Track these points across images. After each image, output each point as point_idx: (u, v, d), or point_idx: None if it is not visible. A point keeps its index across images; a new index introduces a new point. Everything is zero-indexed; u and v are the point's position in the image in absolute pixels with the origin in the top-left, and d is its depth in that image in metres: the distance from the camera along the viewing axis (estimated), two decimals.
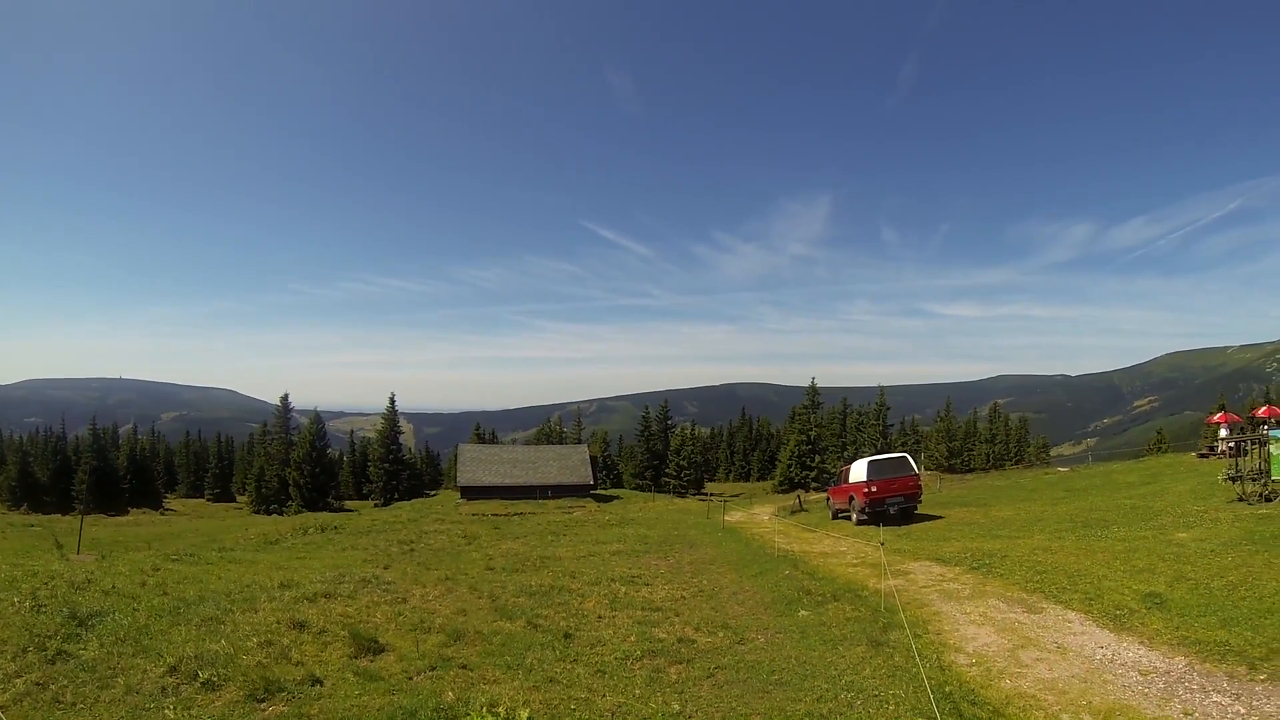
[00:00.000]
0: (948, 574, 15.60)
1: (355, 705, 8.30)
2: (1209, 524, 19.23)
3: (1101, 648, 9.80)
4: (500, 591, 15.65)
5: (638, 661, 10.41)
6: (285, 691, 8.56)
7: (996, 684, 8.81)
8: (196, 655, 9.49)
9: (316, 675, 9.17)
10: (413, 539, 29.38)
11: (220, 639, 10.41)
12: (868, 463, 30.09)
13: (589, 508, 56.99)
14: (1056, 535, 20.51)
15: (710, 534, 29.99)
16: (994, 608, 12.39)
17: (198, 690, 8.55)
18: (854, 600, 13.57)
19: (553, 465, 71.12)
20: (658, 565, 20.55)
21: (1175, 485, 30.46)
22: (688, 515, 44.97)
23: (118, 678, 8.92)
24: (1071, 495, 34.55)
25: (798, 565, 18.52)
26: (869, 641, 10.58)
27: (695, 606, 14.43)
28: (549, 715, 8.27)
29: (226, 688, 8.60)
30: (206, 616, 11.83)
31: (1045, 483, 45.37)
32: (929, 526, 27.11)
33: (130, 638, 10.42)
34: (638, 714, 8.44)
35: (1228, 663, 8.73)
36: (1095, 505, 27.83)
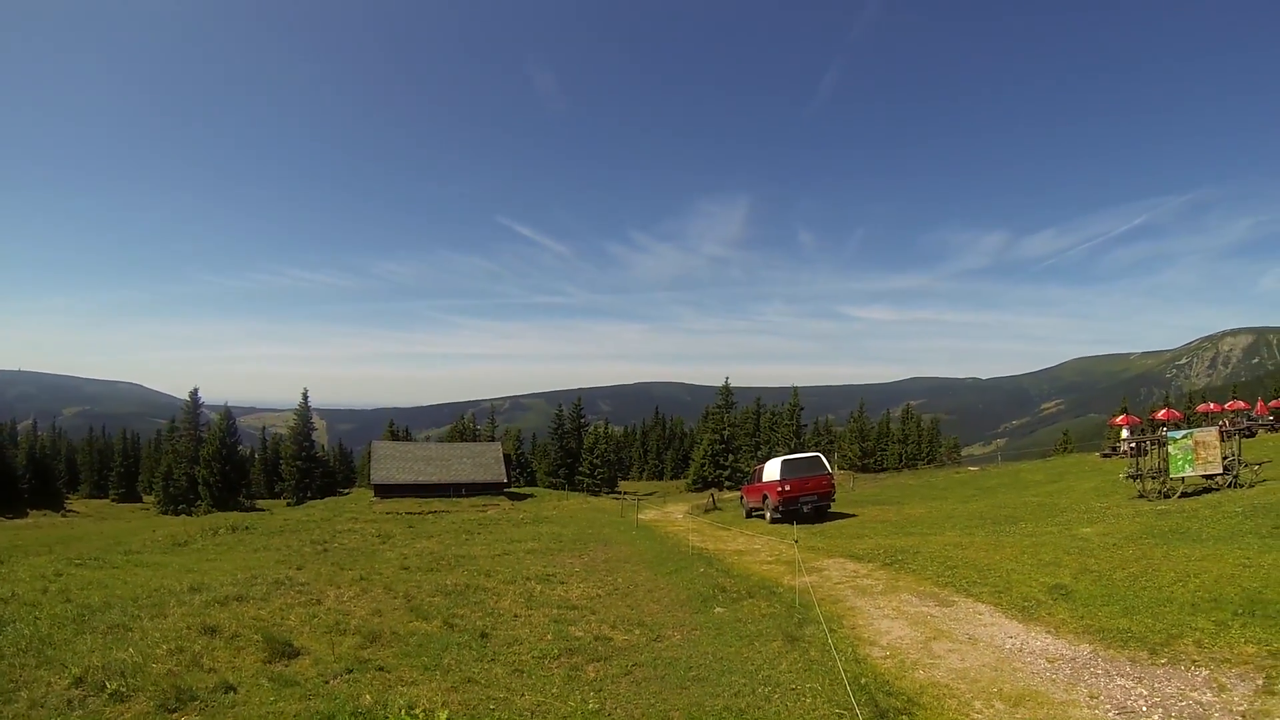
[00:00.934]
0: (861, 570, 16.13)
1: (270, 712, 8.14)
2: (1111, 519, 20.46)
3: (1011, 637, 10.32)
4: (416, 591, 15.57)
5: (555, 660, 10.48)
6: (198, 700, 8.32)
7: (910, 675, 9.17)
8: (103, 665, 9.16)
9: (230, 682, 8.95)
10: (326, 538, 29.18)
11: (128, 647, 10.08)
12: (781, 462, 30.96)
13: (503, 506, 57.28)
14: (967, 532, 21.43)
15: (624, 532, 30.31)
16: (907, 602, 12.89)
17: (106, 702, 8.23)
18: (769, 597, 13.89)
19: (466, 463, 70.72)
20: (572, 563, 20.73)
21: (1080, 483, 32.21)
22: (601, 513, 45.37)
23: (20, 691, 8.52)
24: (981, 493, 36.20)
25: (712, 563, 18.84)
26: (785, 637, 10.84)
27: (611, 604, 14.59)
28: (468, 716, 8.25)
29: (136, 698, 8.31)
30: (113, 624, 11.46)
31: (956, 481, 47.29)
32: (843, 524, 27.90)
33: (32, 648, 10.03)
34: (556, 712, 8.50)
35: (1130, 648, 9.30)
36: (1004, 503, 29.28)
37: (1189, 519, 18.52)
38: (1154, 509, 21.16)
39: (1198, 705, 7.56)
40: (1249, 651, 8.68)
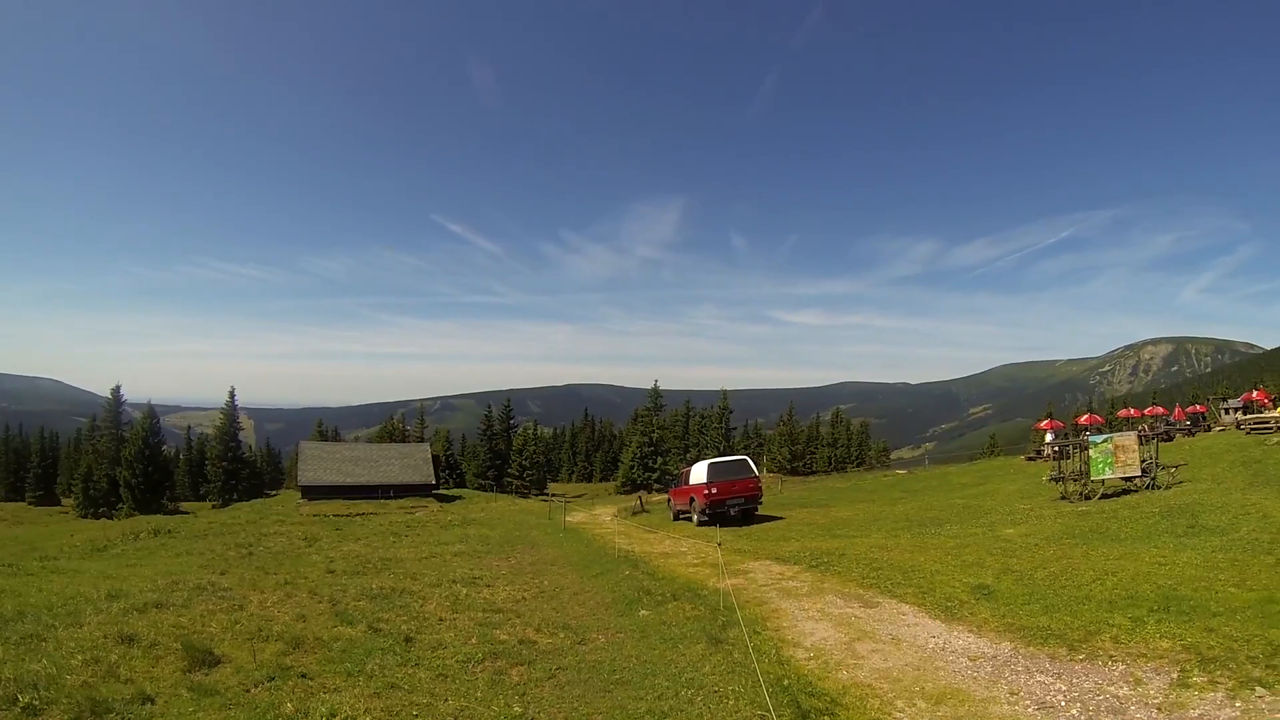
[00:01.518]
0: (787, 572, 16.35)
1: None
2: (1034, 521, 21.17)
3: (934, 637, 10.58)
4: (341, 595, 15.32)
5: (480, 664, 10.35)
6: (113, 713, 7.97)
7: (834, 675, 9.31)
8: (16, 677, 8.67)
9: (147, 693, 8.61)
10: (251, 542, 28.47)
11: (42, 658, 9.61)
12: (708, 465, 31.27)
13: (431, 508, 57.08)
14: (892, 534, 21.89)
15: (552, 534, 30.31)
16: (831, 603, 13.11)
17: (18, 716, 7.83)
18: (694, 599, 13.95)
19: (395, 464, 70.31)
20: (499, 566, 20.67)
21: (1005, 486, 33.26)
22: (530, 516, 45.36)
23: None
24: (908, 496, 37.05)
25: (638, 566, 18.90)
26: (709, 639, 10.89)
27: (537, 608, 14.53)
28: None
29: (50, 711, 7.91)
30: (26, 634, 10.91)
31: (884, 484, 48.36)
32: (770, 527, 28.26)
33: None
34: (480, 717, 8.39)
35: (1050, 646, 9.64)
36: (930, 505, 30.04)
37: (1108, 519, 19.31)
38: (1075, 510, 21.97)
39: (1115, 699, 7.86)
40: (1164, 646, 9.07)
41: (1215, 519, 17.26)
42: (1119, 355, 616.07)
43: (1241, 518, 16.90)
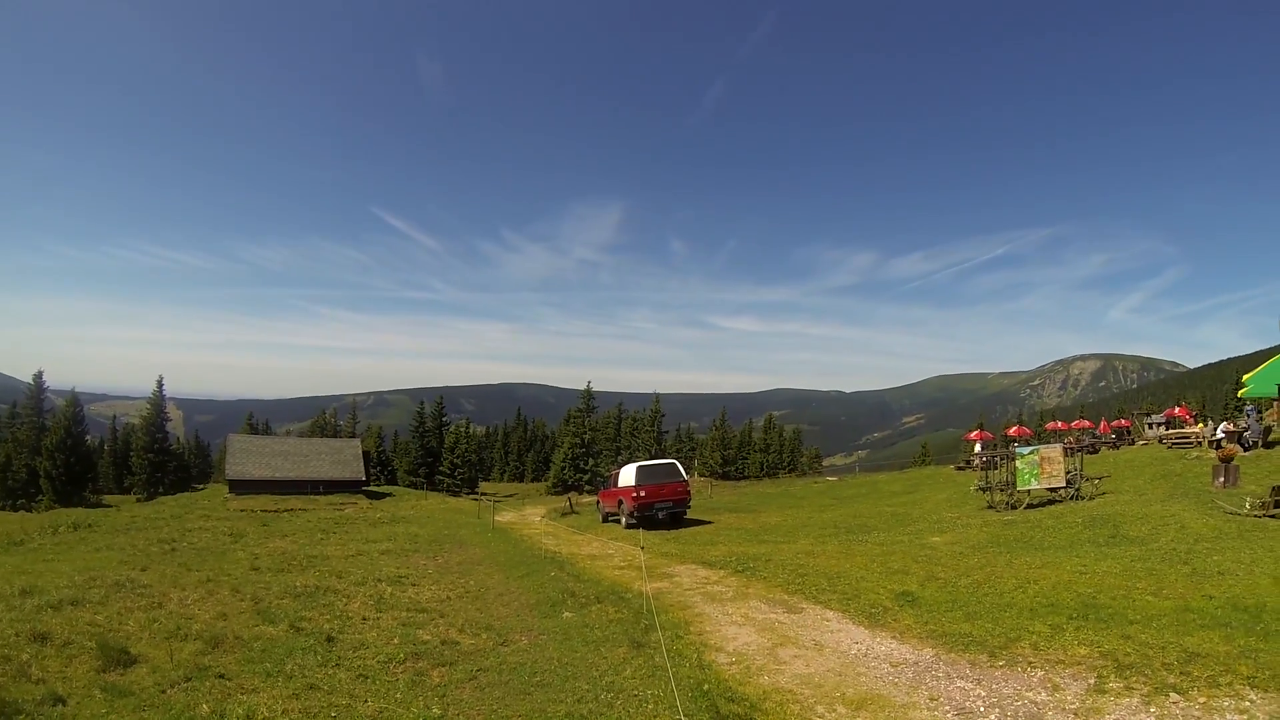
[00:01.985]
0: (712, 577, 16.47)
1: None
2: (960, 529, 21.69)
3: (857, 643, 10.69)
4: (264, 593, 15.23)
5: (401, 665, 10.29)
6: (23, 714, 7.79)
7: (755, 680, 9.34)
8: None
9: (59, 693, 8.43)
10: (175, 537, 28.34)
11: None
12: (636, 468, 31.57)
13: (361, 505, 57.07)
14: (820, 540, 22.18)
15: (481, 534, 30.35)
16: (755, 609, 13.20)
17: None
18: (618, 602, 13.97)
19: (325, 459, 69.97)
20: (426, 565, 20.66)
21: (933, 494, 33.98)
22: (459, 514, 45.56)
23: None
24: (838, 503, 37.70)
25: (564, 567, 18.99)
26: (630, 643, 10.86)
27: (461, 608, 14.50)
28: None
29: None
30: None
31: (814, 491, 49.05)
32: (698, 531, 28.45)
33: None
34: (399, 719, 8.33)
35: (971, 652, 9.82)
36: (859, 512, 30.60)
37: (1033, 529, 19.89)
38: (1001, 519, 22.54)
39: (1033, 705, 8.02)
40: (1081, 653, 9.31)
41: (1136, 529, 17.91)
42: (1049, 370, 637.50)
43: (1161, 528, 17.56)
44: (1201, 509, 19.14)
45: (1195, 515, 18.40)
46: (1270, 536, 15.41)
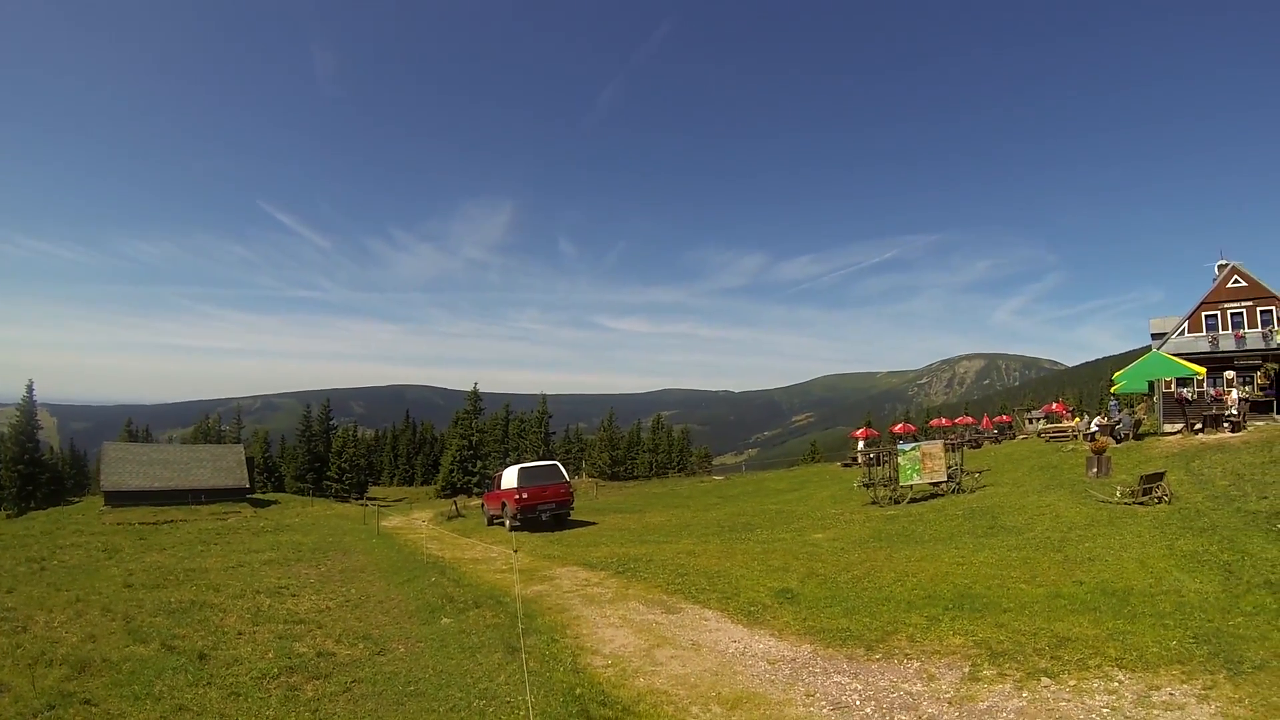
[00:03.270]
0: (593, 578, 16.47)
1: None
2: (843, 525, 22.23)
3: (734, 642, 10.77)
4: (136, 611, 14.68)
5: (275, 680, 9.98)
6: None
7: (630, 683, 9.28)
8: None
9: None
10: (45, 555, 26.85)
11: None
12: (518, 469, 31.71)
13: (244, 513, 55.81)
14: (702, 539, 22.40)
15: (365, 540, 30.01)
16: (634, 610, 13.19)
17: None
18: (496, 607, 13.85)
19: (207, 467, 68.18)
20: (308, 574, 20.17)
21: (819, 492, 34.89)
22: (345, 521, 45.16)
23: None
24: (724, 502, 38.31)
25: (445, 572, 18.82)
26: (506, 648, 10.76)
27: (340, 617, 14.19)
28: None
29: None
30: None
31: (700, 490, 49.81)
32: (582, 532, 28.49)
33: None
34: None
35: (848, 647, 10.02)
36: (744, 510, 31.15)
37: (914, 523, 20.54)
38: (884, 514, 23.21)
39: (908, 695, 8.22)
40: (956, 643, 9.63)
41: (1013, 520, 18.71)
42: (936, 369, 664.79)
43: (1037, 518, 18.41)
44: (1075, 499, 20.11)
45: (1069, 505, 19.31)
46: (1138, 523, 16.28)
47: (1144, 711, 7.25)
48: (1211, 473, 21.61)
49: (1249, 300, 42.20)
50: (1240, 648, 8.58)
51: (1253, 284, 42.28)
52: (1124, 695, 7.61)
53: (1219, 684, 7.67)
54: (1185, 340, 43.05)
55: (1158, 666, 8.27)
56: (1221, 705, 7.20)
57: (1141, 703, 7.43)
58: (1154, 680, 7.92)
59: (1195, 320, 43.68)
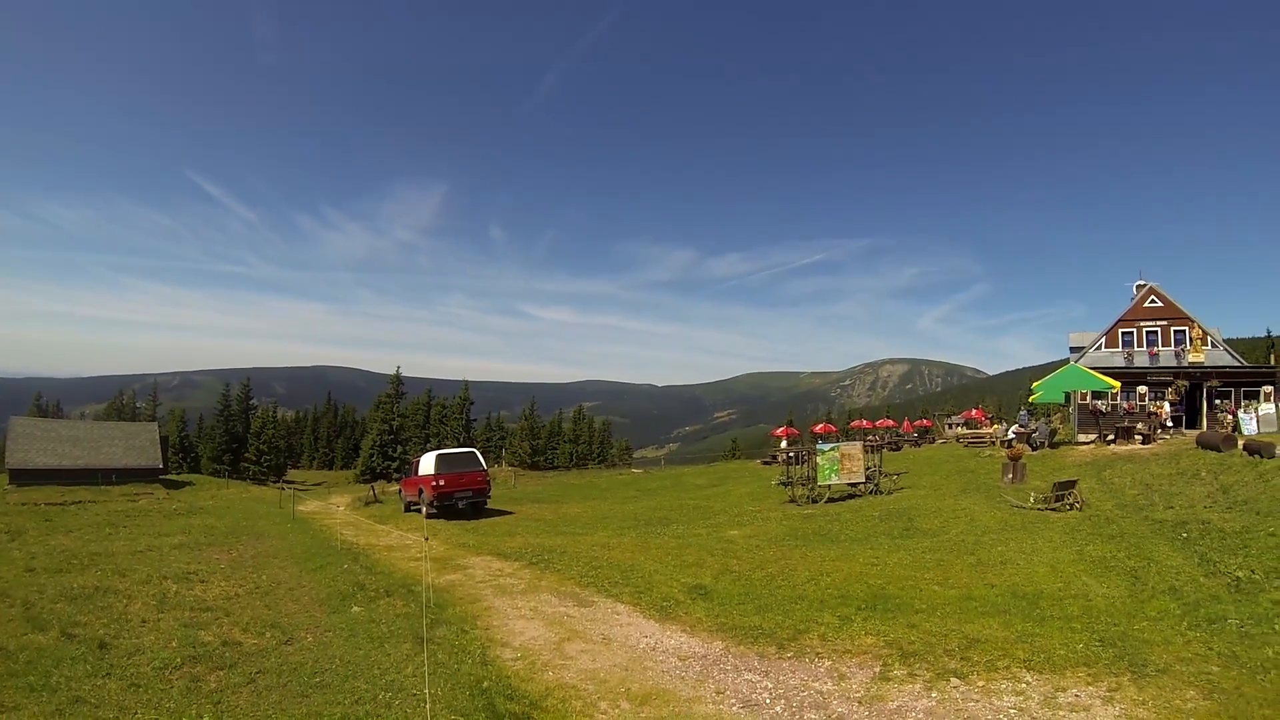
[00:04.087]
0: (506, 569, 16.36)
1: None
2: (760, 522, 22.48)
3: (646, 637, 10.72)
4: (37, 597, 13.88)
5: (177, 670, 9.57)
6: None
7: (539, 677, 9.18)
8: None
9: None
10: None
11: None
12: (436, 456, 31.68)
13: (157, 495, 54.83)
14: (618, 532, 22.52)
15: (280, 525, 29.45)
16: (546, 602, 13.09)
17: None
18: (407, 596, 13.64)
19: (119, 445, 66.62)
20: (219, 560, 19.57)
21: (737, 488, 35.32)
22: (261, 504, 44.34)
23: None
24: (642, 495, 38.61)
25: (359, 559, 18.55)
26: (415, 638, 10.56)
27: (248, 605, 13.76)
28: None
29: None
30: None
31: (619, 483, 50.20)
32: (498, 521, 28.49)
33: None
34: None
35: (760, 644, 10.05)
36: (661, 505, 31.41)
37: (831, 522, 20.86)
38: (801, 513, 23.55)
39: (818, 694, 8.26)
40: (868, 642, 9.73)
41: (928, 523, 19.15)
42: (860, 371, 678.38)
43: (952, 521, 18.87)
44: (990, 503, 20.68)
45: (984, 509, 19.83)
46: (1050, 528, 16.81)
47: (1050, 712, 7.40)
48: (1122, 482, 22.46)
49: (1164, 320, 44.32)
50: (1144, 651, 8.85)
51: (1168, 305, 44.40)
52: (1031, 696, 7.77)
53: (1123, 686, 7.90)
54: (1102, 355, 44.85)
55: (1064, 669, 8.47)
56: (1125, 707, 7.40)
57: (1048, 704, 7.59)
58: (1060, 682, 8.11)
59: (1112, 336, 45.55)
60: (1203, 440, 25.50)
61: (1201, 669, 8.23)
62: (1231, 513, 16.83)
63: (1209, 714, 7.10)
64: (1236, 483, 19.42)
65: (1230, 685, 7.70)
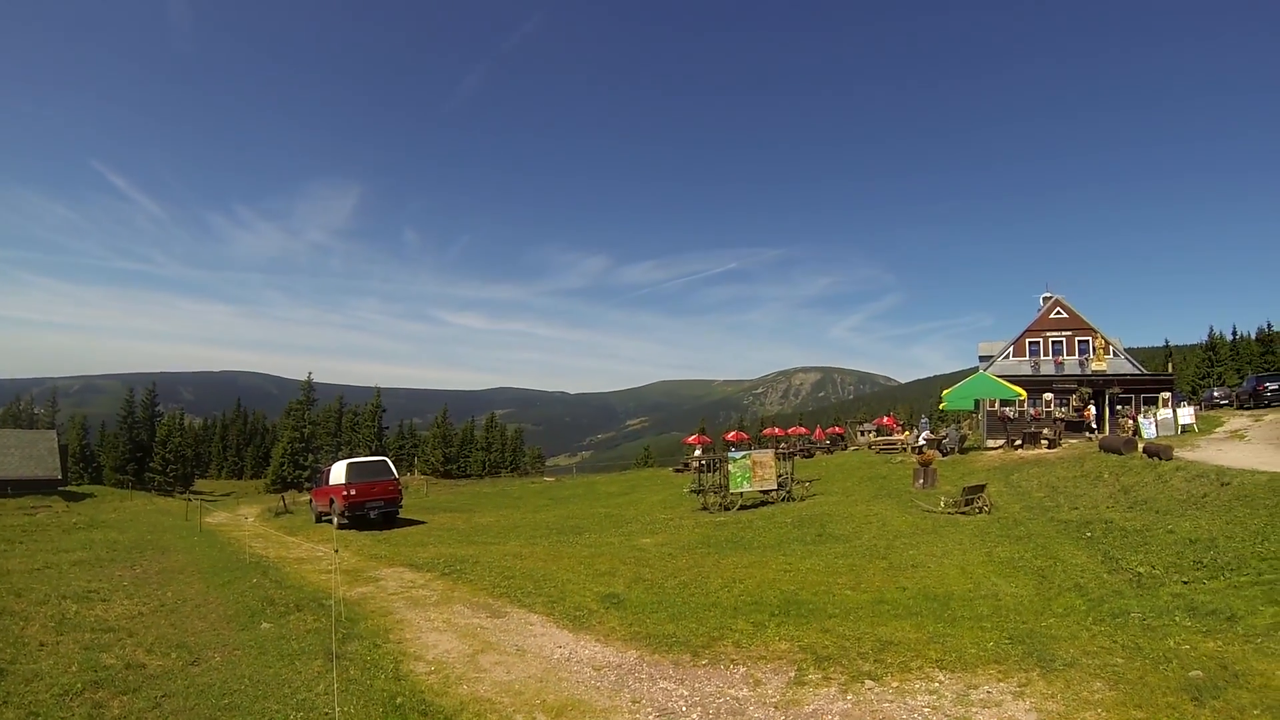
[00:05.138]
0: (419, 580, 16.21)
1: None
2: (673, 530, 22.67)
3: (560, 647, 10.68)
4: None
5: (78, 696, 9.15)
6: None
7: (453, 690, 9.06)
8: None
9: None
10: None
11: None
12: (347, 465, 31.30)
13: (56, 508, 52.55)
14: (530, 542, 22.49)
15: (187, 538, 28.67)
16: (459, 613, 12.96)
17: None
18: (317, 610, 13.35)
19: (14, 455, 64.16)
20: (122, 576, 18.88)
21: (650, 496, 35.60)
22: (167, 516, 43.27)
23: None
24: (554, 503, 38.66)
25: (268, 573, 18.10)
26: (326, 654, 10.32)
27: (153, 624, 13.27)
28: None
29: None
30: None
31: (532, 491, 50.13)
32: (410, 531, 28.24)
33: None
34: None
35: (674, 652, 10.09)
36: (574, 513, 31.51)
37: (744, 529, 21.12)
38: (714, 521, 23.81)
39: (734, 701, 8.32)
40: (782, 648, 9.86)
41: (841, 528, 19.54)
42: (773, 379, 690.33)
43: (864, 526, 19.31)
44: (902, 508, 21.21)
45: (896, 514, 20.35)
46: (960, 531, 17.32)
47: (963, 709, 7.61)
48: (1029, 485, 23.31)
49: (1069, 330, 46.51)
50: (1052, 647, 9.17)
51: (1073, 316, 46.57)
52: (944, 694, 7.98)
53: (1033, 681, 8.17)
54: (1010, 363, 46.71)
55: (976, 666, 8.73)
56: (1035, 700, 7.66)
57: (961, 701, 7.81)
58: (972, 679, 8.35)
59: (1020, 346, 47.53)
60: (1105, 444, 26.67)
61: (1107, 661, 8.56)
62: (1132, 512, 17.66)
63: (1115, 703, 7.39)
64: (1137, 484, 20.36)
65: (1134, 675, 8.04)
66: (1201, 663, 8.16)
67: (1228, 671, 7.80)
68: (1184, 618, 9.91)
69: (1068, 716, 7.25)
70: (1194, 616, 9.90)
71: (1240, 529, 14.26)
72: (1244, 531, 14.04)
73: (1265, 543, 13.04)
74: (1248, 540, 13.43)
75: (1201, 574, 12.14)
